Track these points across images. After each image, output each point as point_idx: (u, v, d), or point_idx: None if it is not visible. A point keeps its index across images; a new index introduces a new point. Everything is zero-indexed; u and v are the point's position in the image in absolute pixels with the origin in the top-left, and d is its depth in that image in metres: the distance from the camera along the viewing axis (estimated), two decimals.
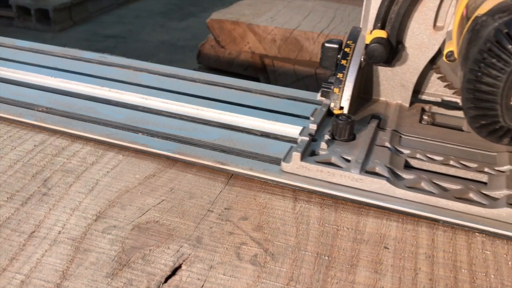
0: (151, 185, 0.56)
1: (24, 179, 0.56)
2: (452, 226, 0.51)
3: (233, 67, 1.88)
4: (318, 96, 0.69)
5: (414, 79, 0.69)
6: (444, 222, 0.51)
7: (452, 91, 0.70)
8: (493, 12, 0.44)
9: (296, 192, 0.56)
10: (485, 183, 0.55)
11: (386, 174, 0.55)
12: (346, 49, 0.67)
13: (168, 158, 0.61)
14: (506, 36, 0.42)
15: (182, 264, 0.46)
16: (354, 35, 0.69)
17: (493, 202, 0.52)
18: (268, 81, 1.82)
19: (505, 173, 0.56)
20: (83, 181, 0.57)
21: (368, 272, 0.46)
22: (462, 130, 0.67)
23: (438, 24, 0.65)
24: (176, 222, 0.51)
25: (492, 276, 0.46)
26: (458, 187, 0.54)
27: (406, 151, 0.60)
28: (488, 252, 0.49)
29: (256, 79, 1.79)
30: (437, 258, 0.48)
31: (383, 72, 0.71)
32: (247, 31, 1.83)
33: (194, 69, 1.59)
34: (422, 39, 0.66)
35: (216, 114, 0.70)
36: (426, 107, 0.72)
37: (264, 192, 0.56)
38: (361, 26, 0.69)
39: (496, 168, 0.57)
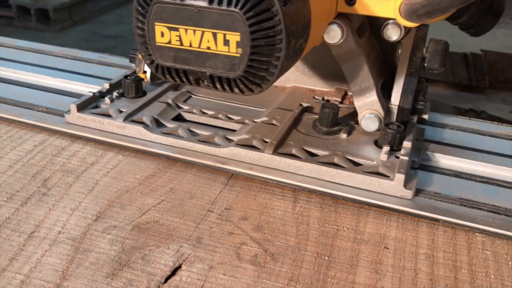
0: (151, 185, 0.56)
1: (24, 179, 0.56)
2: (453, 226, 0.51)
3: None
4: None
5: None
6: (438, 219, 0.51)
7: None
8: None
9: (296, 192, 0.56)
10: (235, 130, 0.64)
11: (148, 122, 0.64)
12: None
13: (168, 158, 0.61)
14: None
15: (182, 264, 0.46)
16: None
17: (227, 143, 0.60)
18: None
19: (255, 123, 0.65)
20: (83, 181, 0.56)
21: (368, 272, 0.46)
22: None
23: None
24: (176, 222, 0.51)
25: (492, 276, 0.46)
26: (208, 133, 0.63)
27: (185, 107, 0.69)
28: (488, 252, 0.49)
29: None
30: (437, 258, 0.48)
31: None
32: None
33: None
34: None
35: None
36: None
37: (264, 192, 0.56)
38: None
39: (254, 120, 0.66)
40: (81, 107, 0.66)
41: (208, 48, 0.46)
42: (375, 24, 0.67)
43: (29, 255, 0.46)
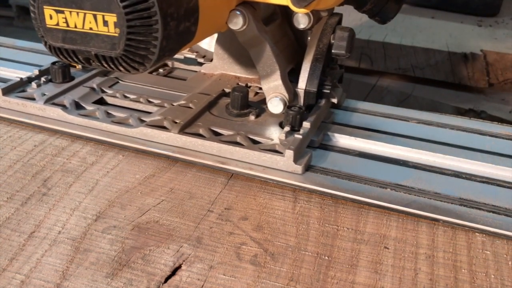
0: (151, 185, 0.56)
1: (24, 179, 0.56)
2: (453, 226, 0.51)
3: None
4: None
5: None
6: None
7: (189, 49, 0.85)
8: None
9: (296, 192, 0.56)
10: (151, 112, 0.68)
11: (67, 105, 0.67)
12: None
13: (168, 158, 0.61)
14: None
15: (182, 264, 0.46)
16: None
17: (139, 123, 0.63)
18: None
19: (173, 106, 0.68)
20: (83, 181, 0.56)
21: (368, 272, 0.46)
22: (185, 80, 0.79)
23: None
24: (176, 222, 0.51)
25: (492, 276, 0.46)
26: (124, 115, 0.65)
27: (110, 91, 0.73)
28: (488, 252, 0.49)
29: None
30: (437, 258, 0.48)
31: None
32: None
33: None
34: None
35: None
36: (169, 62, 0.85)
37: (264, 192, 0.56)
38: None
39: (172, 103, 0.68)
40: (7, 91, 0.69)
41: (91, 28, 0.49)
42: (289, 13, 0.70)
43: (29, 255, 0.46)
